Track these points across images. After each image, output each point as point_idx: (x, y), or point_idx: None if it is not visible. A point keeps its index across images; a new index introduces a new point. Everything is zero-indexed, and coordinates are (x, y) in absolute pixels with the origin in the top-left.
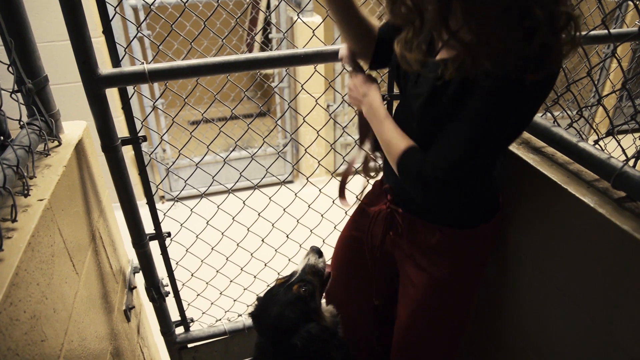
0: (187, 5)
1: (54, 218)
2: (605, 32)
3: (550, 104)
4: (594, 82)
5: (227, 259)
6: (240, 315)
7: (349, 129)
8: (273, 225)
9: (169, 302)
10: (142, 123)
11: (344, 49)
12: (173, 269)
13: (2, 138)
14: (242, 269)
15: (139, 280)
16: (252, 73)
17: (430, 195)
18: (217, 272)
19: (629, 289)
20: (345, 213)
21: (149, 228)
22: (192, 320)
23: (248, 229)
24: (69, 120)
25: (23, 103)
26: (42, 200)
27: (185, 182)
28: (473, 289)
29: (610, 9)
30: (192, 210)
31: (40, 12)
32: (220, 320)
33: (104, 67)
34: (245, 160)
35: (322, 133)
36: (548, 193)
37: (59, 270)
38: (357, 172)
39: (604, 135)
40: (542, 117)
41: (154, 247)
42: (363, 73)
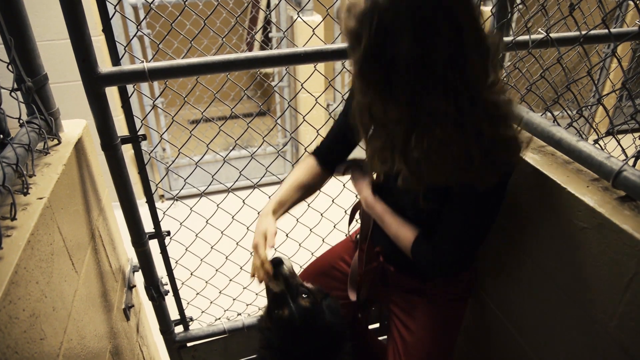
0: (187, 4)
1: (54, 216)
2: (605, 31)
3: (550, 104)
4: (594, 81)
5: (226, 258)
6: (240, 314)
7: None
8: None
9: (169, 301)
10: (142, 122)
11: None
12: (172, 268)
13: (1, 136)
14: (241, 268)
15: (139, 279)
16: (252, 72)
17: (442, 274)
18: (216, 271)
19: (628, 288)
20: (345, 212)
21: (149, 227)
22: (191, 319)
23: (248, 228)
24: (69, 119)
25: (23, 101)
26: (41, 199)
27: (185, 180)
28: (458, 324)
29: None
30: (191, 209)
31: (40, 10)
32: (220, 319)
33: (104, 65)
34: (245, 160)
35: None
36: (548, 192)
37: (59, 269)
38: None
39: (604, 135)
40: (541, 116)
41: (154, 246)
42: (355, 170)
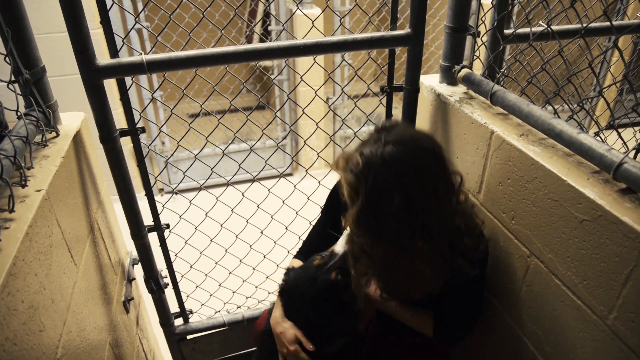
0: None
1: (52, 209)
2: (607, 24)
3: (551, 96)
4: (595, 73)
5: (226, 251)
6: (239, 307)
7: (349, 122)
8: (272, 217)
9: (168, 293)
10: (140, 114)
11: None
12: (172, 261)
13: None
14: (241, 261)
15: (138, 272)
16: (251, 65)
17: (460, 340)
18: (216, 263)
19: (628, 280)
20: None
21: (148, 220)
22: (191, 312)
23: (247, 221)
24: (68, 112)
25: (20, 94)
26: (39, 191)
27: (184, 173)
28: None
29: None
30: (190, 202)
31: (38, 3)
32: (220, 312)
33: (102, 58)
34: (245, 154)
35: (321, 126)
36: (548, 185)
37: (57, 261)
38: None
39: (605, 128)
40: (542, 109)
41: (153, 239)
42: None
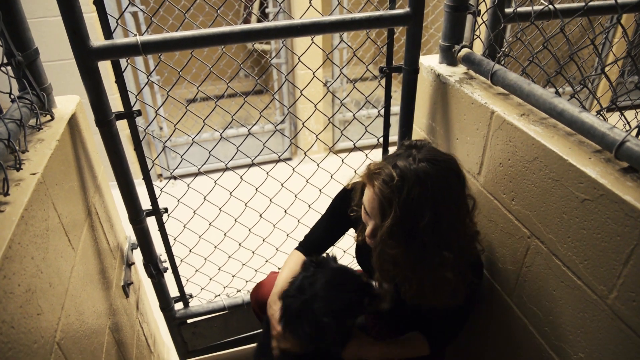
0: None
1: (48, 192)
2: (610, 1)
3: (553, 75)
4: (597, 50)
5: (224, 235)
6: (239, 291)
7: (348, 106)
8: (271, 201)
9: (168, 278)
10: (136, 97)
11: None
12: (171, 245)
13: None
14: (240, 245)
15: (137, 257)
16: (249, 49)
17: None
18: (215, 247)
19: (629, 259)
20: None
21: (146, 205)
22: (191, 296)
23: (246, 204)
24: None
25: (13, 76)
26: (35, 174)
27: (182, 156)
28: None
29: None
30: (188, 186)
31: None
32: (219, 296)
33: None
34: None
35: (320, 107)
36: (549, 165)
37: (54, 245)
38: None
39: (607, 106)
40: (545, 88)
41: (152, 223)
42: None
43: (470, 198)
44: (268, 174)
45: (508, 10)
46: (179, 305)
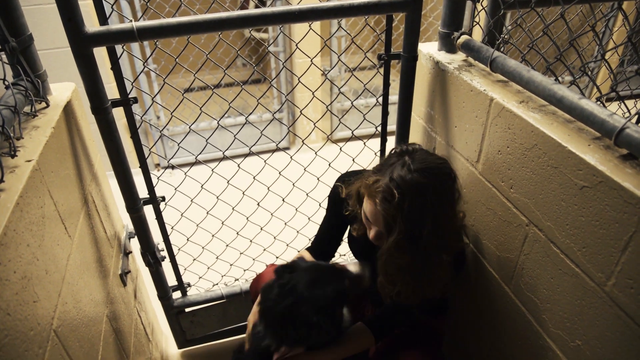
0: None
1: (43, 179)
2: None
3: (553, 61)
4: (597, 35)
5: (222, 223)
6: (237, 280)
7: (346, 94)
8: (268, 189)
9: (166, 267)
10: (132, 84)
11: None
12: (168, 234)
13: None
14: (237, 233)
15: (135, 246)
16: (246, 37)
17: None
18: (212, 236)
19: (627, 246)
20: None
21: (144, 194)
22: (189, 285)
23: (243, 193)
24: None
25: (7, 63)
26: (30, 161)
27: (179, 144)
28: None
29: None
30: (186, 174)
31: None
32: (217, 285)
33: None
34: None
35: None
36: (548, 152)
37: (50, 232)
38: None
39: (607, 93)
40: (544, 75)
41: (149, 212)
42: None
43: (457, 190)
44: (266, 162)
45: None
46: (177, 294)
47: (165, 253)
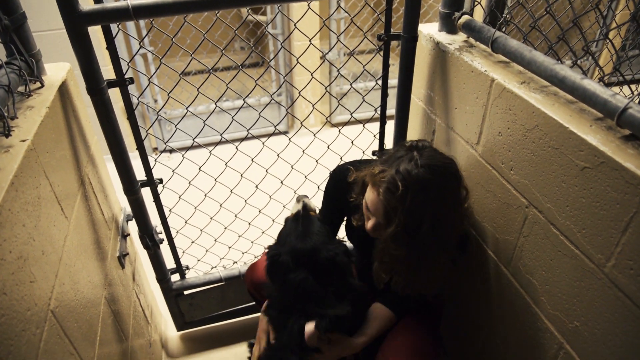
0: None
1: (39, 160)
2: None
3: (555, 42)
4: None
5: (220, 206)
6: (236, 263)
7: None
8: (267, 171)
9: (164, 250)
10: (128, 64)
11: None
12: (167, 217)
13: None
14: (236, 216)
15: (133, 229)
16: (244, 20)
17: None
18: (211, 219)
19: (628, 227)
20: (341, 159)
21: (141, 176)
22: (187, 268)
23: (241, 175)
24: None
25: (0, 41)
26: (24, 141)
27: (176, 126)
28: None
29: None
30: (183, 156)
31: None
32: (216, 268)
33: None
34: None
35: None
36: (549, 133)
37: (47, 213)
38: None
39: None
40: (546, 55)
41: (147, 195)
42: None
43: (464, 188)
44: (264, 144)
45: None
46: (176, 277)
47: (164, 236)
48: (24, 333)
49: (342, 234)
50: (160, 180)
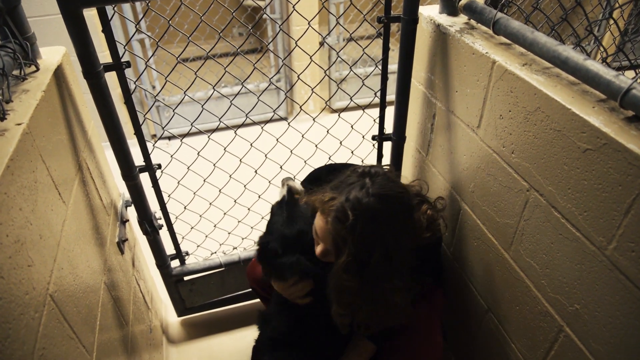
0: None
1: (35, 144)
2: None
3: (558, 22)
4: None
5: (219, 191)
6: (235, 248)
7: (345, 66)
8: (266, 156)
9: (163, 236)
10: (124, 47)
11: None
12: (165, 202)
13: None
14: (235, 201)
15: (132, 215)
16: (241, 2)
17: None
18: (210, 204)
19: (630, 209)
20: (340, 143)
21: (140, 162)
22: (187, 254)
23: (240, 160)
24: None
25: None
26: (20, 125)
27: (174, 110)
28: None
29: None
30: (181, 141)
31: None
32: (216, 253)
33: None
34: (238, 98)
35: (316, 69)
36: (551, 115)
37: (44, 197)
38: None
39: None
40: (549, 35)
41: (146, 181)
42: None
43: (441, 199)
44: (263, 128)
45: None
46: (175, 263)
47: (163, 222)
48: (23, 317)
49: None
50: (159, 166)
